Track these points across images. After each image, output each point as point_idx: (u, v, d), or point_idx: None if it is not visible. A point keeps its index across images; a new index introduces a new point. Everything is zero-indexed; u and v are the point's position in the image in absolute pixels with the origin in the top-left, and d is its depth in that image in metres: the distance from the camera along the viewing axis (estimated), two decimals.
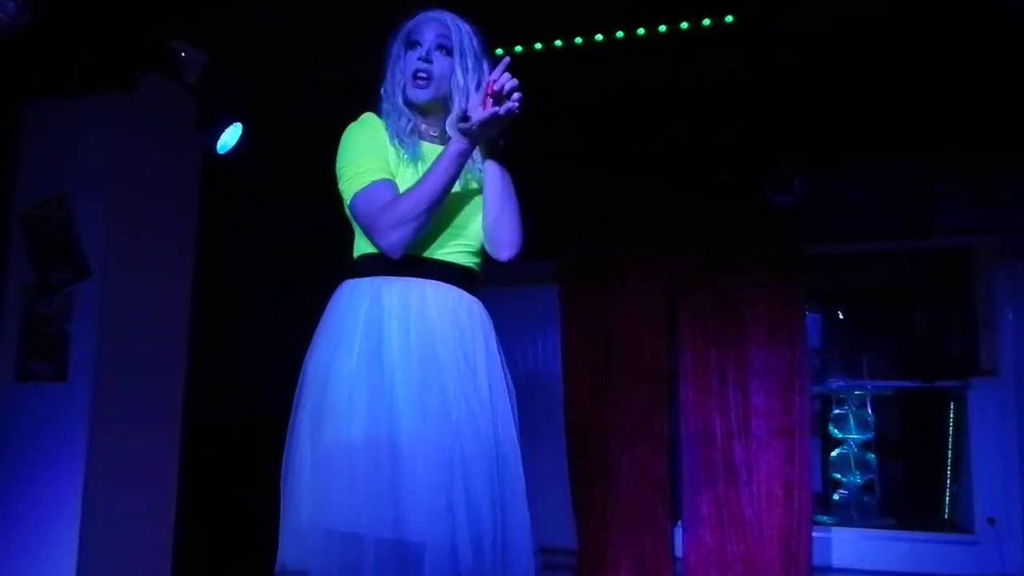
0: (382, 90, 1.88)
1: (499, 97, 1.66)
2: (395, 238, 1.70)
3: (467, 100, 1.77)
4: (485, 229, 1.84)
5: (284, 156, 3.95)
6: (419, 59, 1.80)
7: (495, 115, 1.67)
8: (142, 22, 3.22)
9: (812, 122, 4.09)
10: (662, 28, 3.42)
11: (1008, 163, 4.09)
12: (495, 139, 1.79)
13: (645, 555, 4.21)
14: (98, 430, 3.23)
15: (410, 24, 1.87)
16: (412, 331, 1.69)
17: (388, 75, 1.87)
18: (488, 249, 1.86)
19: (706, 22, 3.37)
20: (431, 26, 1.84)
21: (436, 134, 1.88)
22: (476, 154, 1.84)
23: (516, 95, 1.68)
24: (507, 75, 1.67)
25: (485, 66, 1.82)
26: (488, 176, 1.83)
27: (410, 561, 1.58)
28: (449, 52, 1.82)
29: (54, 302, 3.32)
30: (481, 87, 1.73)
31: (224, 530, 3.86)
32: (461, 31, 1.84)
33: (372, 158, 1.78)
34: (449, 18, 1.85)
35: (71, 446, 3.20)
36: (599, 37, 3.51)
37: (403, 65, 1.84)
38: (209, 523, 3.79)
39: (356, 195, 1.76)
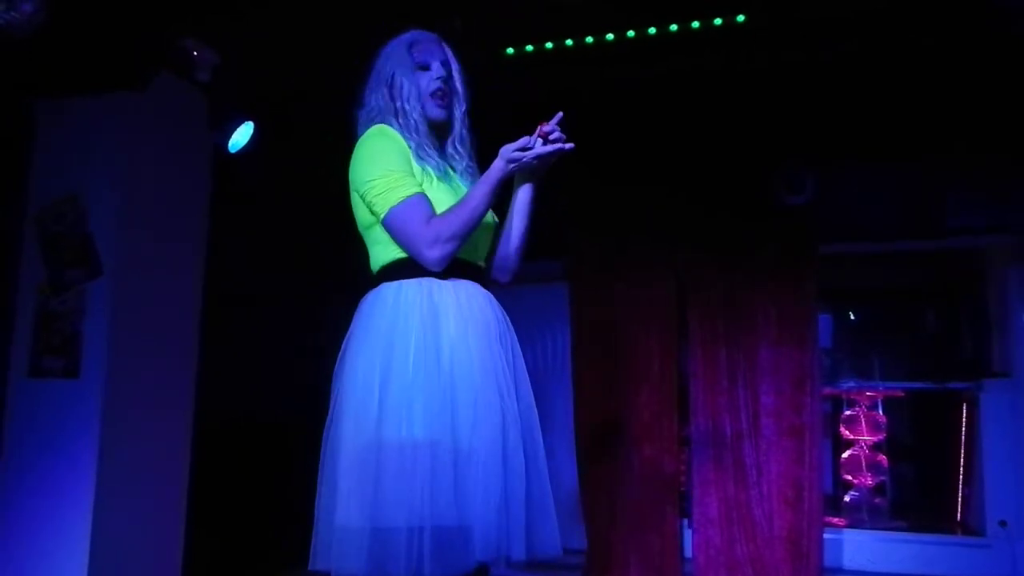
0: (397, 105, 1.89)
1: (545, 138, 1.79)
2: (441, 253, 1.77)
3: (465, 116, 1.95)
4: (499, 255, 1.96)
5: (295, 155, 3.96)
6: (438, 79, 1.90)
7: (560, 151, 1.79)
8: (154, 21, 3.23)
9: (824, 122, 4.08)
10: (673, 27, 3.42)
11: (1021, 163, 4.06)
12: (538, 171, 1.88)
13: (654, 555, 4.20)
14: (110, 427, 3.26)
15: (408, 43, 1.93)
16: (469, 330, 1.77)
17: (398, 92, 1.90)
18: (491, 270, 1.97)
19: (718, 21, 3.36)
20: (434, 50, 1.93)
21: (437, 148, 1.95)
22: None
23: (562, 138, 1.80)
24: (557, 128, 1.79)
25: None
26: (518, 205, 1.94)
27: (467, 547, 1.65)
28: (451, 75, 1.94)
29: (67, 300, 3.35)
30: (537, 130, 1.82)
31: (235, 526, 3.88)
32: (450, 52, 1.96)
33: (402, 172, 1.82)
34: (439, 40, 1.97)
35: (83, 442, 3.23)
36: (610, 36, 3.51)
37: (414, 85, 1.89)
38: (220, 519, 3.80)
39: (394, 208, 1.79)
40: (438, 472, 1.65)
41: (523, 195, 1.93)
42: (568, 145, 1.80)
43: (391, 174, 1.80)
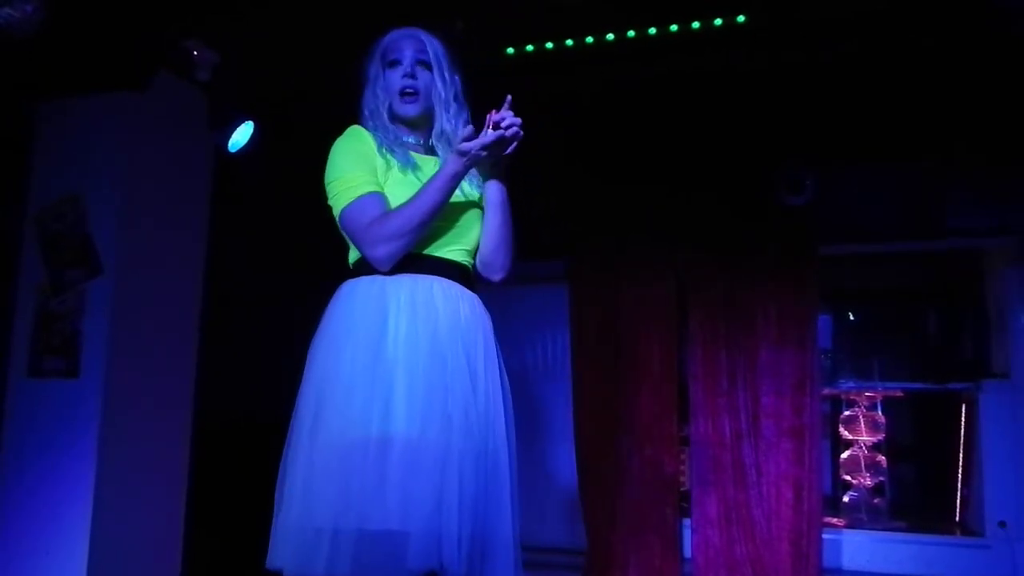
0: (365, 110, 1.91)
1: (498, 128, 1.72)
2: (384, 252, 1.74)
3: (448, 110, 1.87)
4: (482, 253, 1.90)
5: (295, 155, 3.96)
6: (404, 76, 1.86)
7: (501, 137, 1.72)
8: (154, 21, 3.23)
9: (824, 122, 4.08)
10: (673, 28, 3.42)
11: (1021, 163, 4.06)
12: (498, 161, 1.82)
13: (654, 556, 4.21)
14: (110, 426, 3.26)
15: (384, 43, 1.92)
16: (420, 326, 1.72)
17: (368, 94, 1.92)
18: (480, 269, 1.92)
19: (718, 22, 3.37)
20: (407, 43, 1.90)
21: (421, 144, 1.93)
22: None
23: (516, 123, 1.72)
24: (509, 112, 1.73)
25: (458, 77, 1.91)
26: (489, 203, 1.88)
27: (396, 552, 1.59)
28: (428, 66, 1.88)
29: (67, 300, 3.35)
30: (487, 120, 1.76)
31: (233, 526, 3.87)
32: (435, 44, 1.90)
33: (360, 171, 1.81)
34: (422, 34, 1.91)
35: (83, 442, 3.23)
36: (611, 36, 3.51)
37: (385, 83, 1.89)
38: (219, 519, 3.80)
39: (345, 208, 1.79)
40: (368, 474, 1.61)
41: (489, 191, 1.87)
42: (508, 132, 1.71)
43: (345, 176, 1.80)
